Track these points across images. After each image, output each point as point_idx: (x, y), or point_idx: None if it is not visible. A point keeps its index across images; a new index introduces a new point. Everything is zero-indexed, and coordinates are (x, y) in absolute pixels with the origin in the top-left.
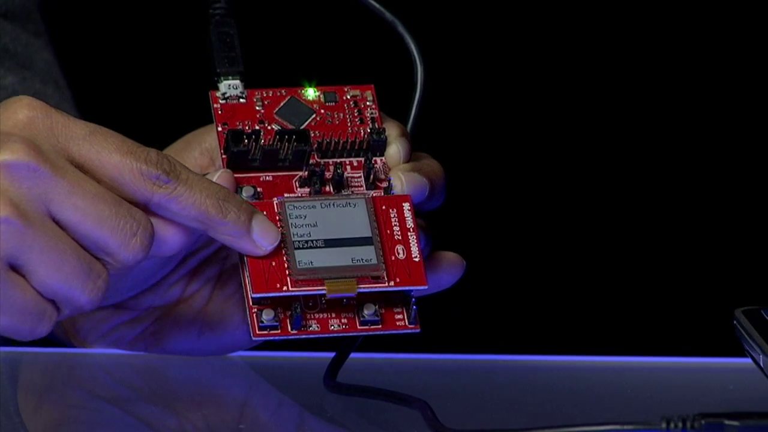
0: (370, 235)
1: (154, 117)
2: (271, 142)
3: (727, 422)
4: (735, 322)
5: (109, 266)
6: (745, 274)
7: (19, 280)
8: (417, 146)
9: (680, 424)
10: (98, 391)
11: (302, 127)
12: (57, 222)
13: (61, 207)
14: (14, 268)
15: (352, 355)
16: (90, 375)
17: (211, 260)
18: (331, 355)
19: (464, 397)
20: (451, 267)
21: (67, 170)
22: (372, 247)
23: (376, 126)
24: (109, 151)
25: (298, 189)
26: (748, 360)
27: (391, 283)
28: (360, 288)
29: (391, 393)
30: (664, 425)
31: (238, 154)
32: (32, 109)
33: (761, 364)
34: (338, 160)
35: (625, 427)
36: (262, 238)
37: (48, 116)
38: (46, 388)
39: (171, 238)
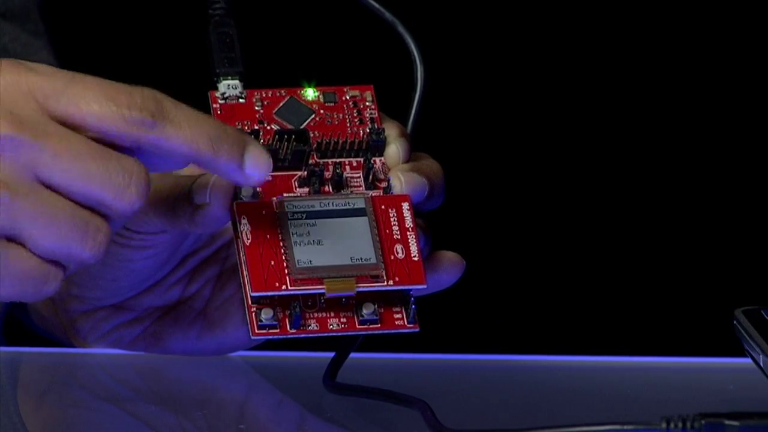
0: (369, 234)
1: None
2: (270, 142)
3: (727, 422)
4: (735, 322)
5: (108, 218)
6: (745, 274)
7: (16, 248)
8: (417, 146)
9: (680, 424)
10: (98, 391)
11: (302, 128)
12: (47, 186)
13: (49, 171)
14: (11, 238)
15: (352, 354)
16: (90, 375)
17: (211, 260)
18: (331, 354)
19: (464, 397)
20: (450, 267)
21: (50, 132)
22: (371, 246)
23: (376, 126)
24: (88, 102)
25: (298, 189)
26: (748, 360)
27: (390, 283)
28: (359, 287)
29: (390, 393)
30: (664, 425)
31: None
32: (5, 75)
33: (761, 364)
34: (337, 160)
35: (625, 427)
36: (254, 171)
37: (24, 77)
38: (46, 388)
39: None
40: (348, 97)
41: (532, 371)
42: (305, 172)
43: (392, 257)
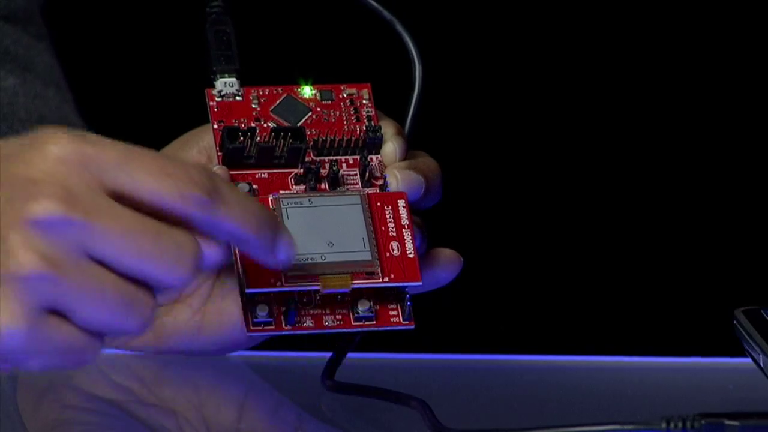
0: (364, 231)
1: (152, 115)
2: (266, 139)
3: (727, 422)
4: (735, 322)
5: (156, 290)
6: (745, 274)
7: (59, 322)
8: (414, 145)
9: (680, 424)
10: (97, 391)
11: (298, 125)
12: (97, 260)
13: (99, 248)
14: (56, 311)
15: (350, 354)
16: (89, 375)
17: None
18: (329, 355)
19: (463, 396)
20: (448, 264)
21: (101, 208)
22: (366, 243)
23: (372, 124)
24: (144, 177)
25: (294, 186)
26: (748, 360)
27: (386, 279)
28: (354, 284)
29: (389, 392)
30: (664, 425)
31: (234, 151)
32: (61, 148)
33: (761, 364)
34: (334, 158)
35: (626, 427)
36: (283, 254)
37: (78, 149)
38: (46, 388)
39: (209, 256)
40: (345, 95)
41: (532, 371)
42: (301, 170)
43: (387, 254)
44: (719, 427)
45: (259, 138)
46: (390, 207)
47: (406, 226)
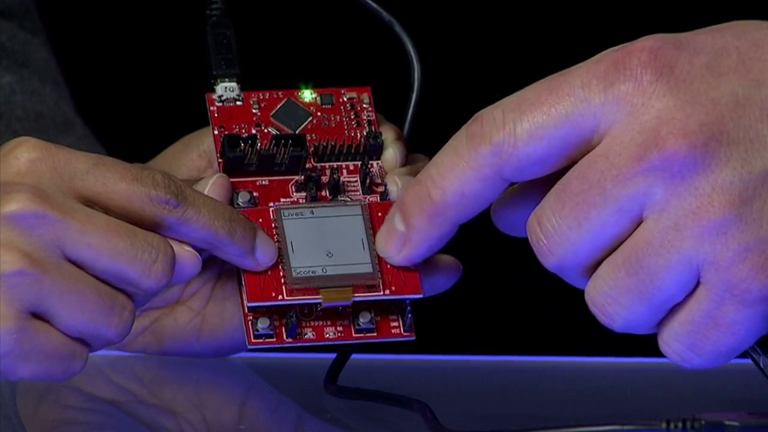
0: (365, 242)
1: (151, 118)
2: (267, 147)
3: (727, 422)
4: None
5: (134, 295)
6: None
7: (44, 326)
8: (414, 147)
9: (680, 425)
10: (97, 392)
11: (298, 131)
12: (74, 262)
13: (75, 247)
14: (37, 315)
15: (352, 357)
16: (89, 376)
17: (210, 261)
18: (330, 356)
19: (464, 398)
20: (447, 271)
21: (76, 209)
22: (367, 255)
23: (373, 129)
24: (114, 181)
25: (295, 193)
26: (748, 360)
27: (387, 292)
28: (355, 297)
29: (390, 395)
30: (664, 426)
31: (234, 160)
32: (32, 151)
33: (761, 365)
34: (334, 164)
35: (626, 427)
36: (263, 256)
37: (49, 155)
38: (45, 388)
39: (186, 264)
40: (345, 99)
41: (532, 372)
42: (302, 177)
43: (388, 266)
44: (719, 427)
45: (259, 145)
46: None
47: None
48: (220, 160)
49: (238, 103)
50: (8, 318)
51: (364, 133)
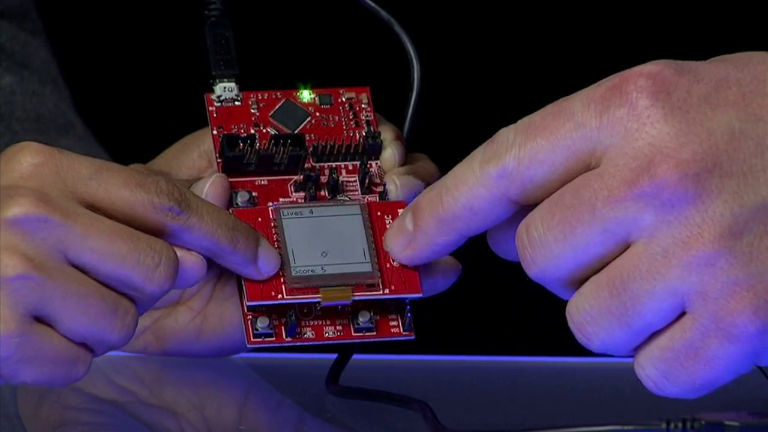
0: (365, 241)
1: (150, 118)
2: (266, 147)
3: (727, 422)
4: None
5: (137, 300)
6: None
7: (47, 331)
8: (413, 147)
9: (680, 425)
10: (98, 392)
11: (297, 131)
12: (77, 266)
13: (78, 251)
14: (40, 319)
15: (353, 356)
16: (89, 376)
17: (211, 263)
18: (330, 356)
19: (465, 398)
20: (446, 271)
21: (79, 213)
22: (367, 254)
23: (371, 129)
24: (118, 187)
25: (294, 193)
26: None
27: (386, 291)
28: (355, 296)
29: (391, 395)
30: (664, 426)
31: (233, 159)
32: (35, 156)
33: (761, 365)
34: (333, 164)
35: (626, 427)
36: (266, 265)
37: (52, 160)
38: (46, 389)
39: (190, 269)
40: (344, 99)
41: (533, 372)
42: (301, 177)
43: (388, 265)
44: (719, 427)
45: (258, 145)
46: (390, 216)
47: None
48: (219, 160)
49: (236, 103)
50: (10, 322)
51: (363, 133)
